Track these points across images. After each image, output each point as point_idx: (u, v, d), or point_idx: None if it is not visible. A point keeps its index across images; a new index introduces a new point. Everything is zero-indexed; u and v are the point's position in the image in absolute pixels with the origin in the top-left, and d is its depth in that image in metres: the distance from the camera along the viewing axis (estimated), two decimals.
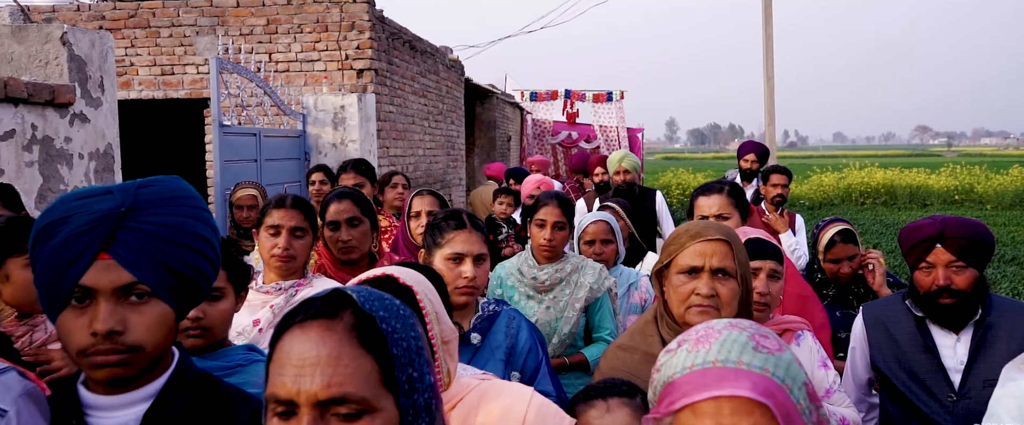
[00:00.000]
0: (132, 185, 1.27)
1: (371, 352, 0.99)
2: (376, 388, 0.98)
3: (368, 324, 0.99)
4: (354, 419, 0.96)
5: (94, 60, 4.23)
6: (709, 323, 1.12)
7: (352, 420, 0.96)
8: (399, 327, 1.02)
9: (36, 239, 1.24)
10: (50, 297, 1.23)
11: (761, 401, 1.00)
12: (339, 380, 0.95)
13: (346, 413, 0.96)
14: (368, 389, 0.97)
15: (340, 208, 2.74)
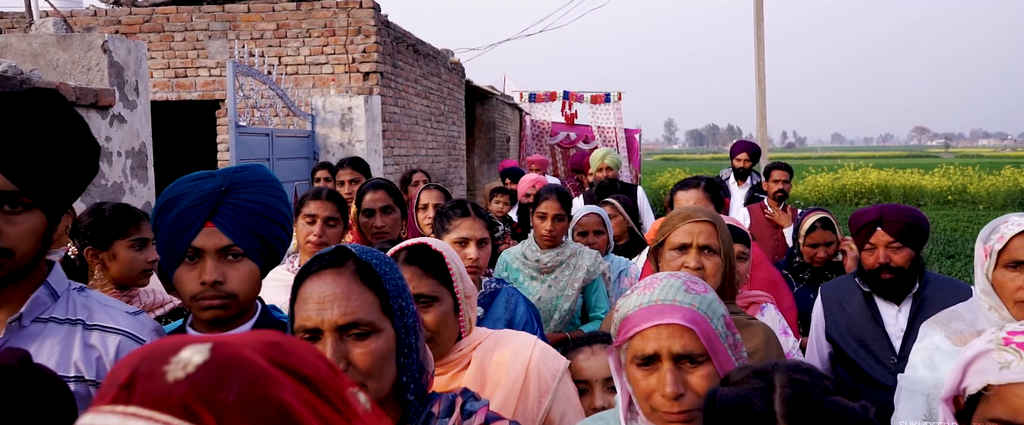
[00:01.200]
0: (230, 170, 1.65)
1: (371, 288, 1.35)
2: (379, 314, 1.34)
3: (366, 269, 1.37)
4: (365, 338, 1.31)
5: (130, 66, 4.60)
6: (655, 274, 1.50)
7: (363, 339, 1.31)
8: (388, 270, 1.40)
9: (159, 211, 1.62)
10: (169, 256, 1.61)
11: (689, 327, 1.36)
12: (351, 310, 1.31)
13: (358, 333, 1.31)
14: (373, 315, 1.33)
15: (375, 197, 3.12)
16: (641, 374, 1.38)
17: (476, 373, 1.73)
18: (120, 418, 0.56)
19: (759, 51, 12.26)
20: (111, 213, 2.42)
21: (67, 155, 1.42)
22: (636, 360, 1.38)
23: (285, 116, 8.47)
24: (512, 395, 1.69)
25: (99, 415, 0.57)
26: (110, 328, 1.49)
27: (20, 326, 1.42)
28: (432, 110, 12.08)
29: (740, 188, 6.71)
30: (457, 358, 1.75)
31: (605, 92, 18.47)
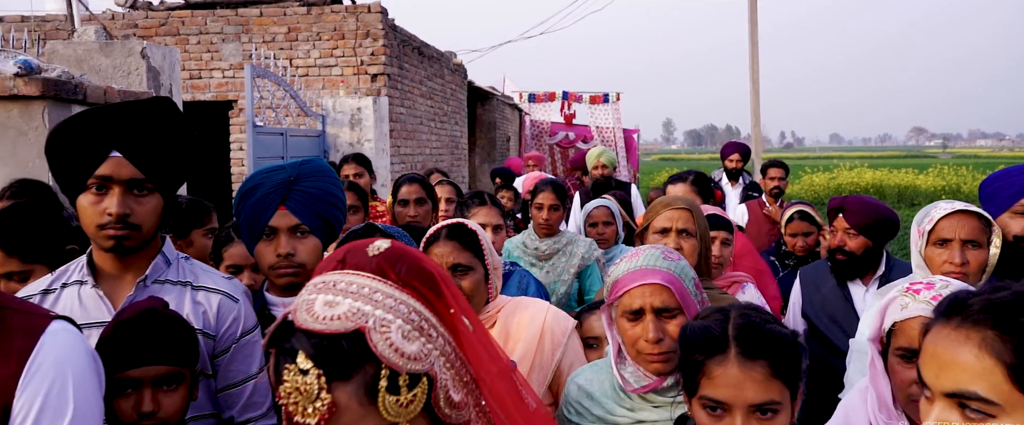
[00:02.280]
0: (296, 164, 2.02)
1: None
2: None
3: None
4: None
5: (165, 70, 4.96)
6: (639, 247, 1.87)
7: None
8: None
9: (240, 198, 1.99)
10: (250, 234, 1.98)
11: (666, 285, 1.73)
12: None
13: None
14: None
15: (410, 189, 3.49)
16: (628, 325, 1.74)
17: (501, 330, 2.10)
18: (340, 274, 0.94)
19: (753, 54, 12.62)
20: (188, 205, 2.79)
21: (178, 149, 1.78)
22: (625, 314, 1.75)
23: (297, 116, 8.82)
24: (531, 349, 2.06)
25: (326, 275, 0.94)
26: (212, 289, 1.85)
27: (145, 285, 1.78)
28: (436, 110, 12.43)
29: (734, 188, 7.02)
30: (486, 318, 2.12)
31: (604, 92, 18.65)
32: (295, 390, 0.90)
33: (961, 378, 1.01)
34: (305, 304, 0.95)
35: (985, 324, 1.01)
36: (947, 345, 1.04)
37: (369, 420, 0.92)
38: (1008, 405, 0.98)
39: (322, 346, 0.90)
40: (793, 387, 1.38)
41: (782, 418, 1.35)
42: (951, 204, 2.17)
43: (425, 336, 0.95)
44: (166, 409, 1.59)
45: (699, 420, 1.38)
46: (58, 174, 1.72)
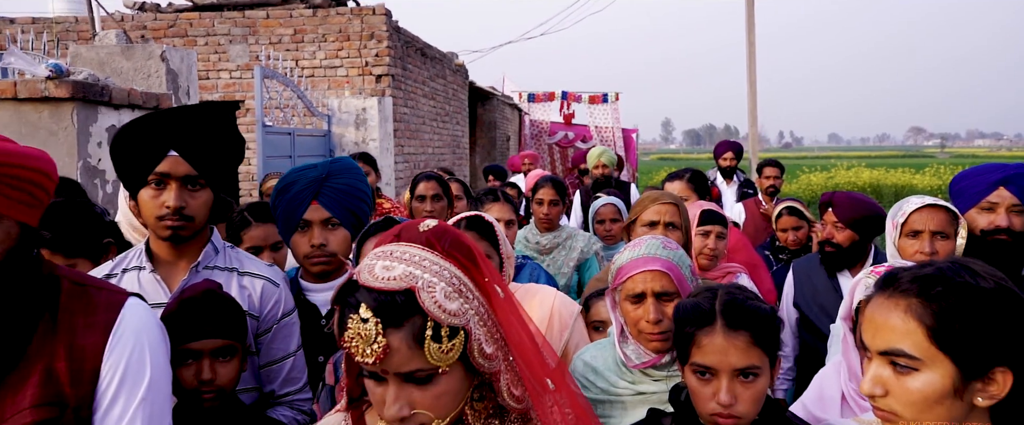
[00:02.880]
0: (327, 163, 2.23)
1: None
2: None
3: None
4: None
5: (183, 72, 5.16)
6: (641, 237, 2.08)
7: None
8: None
9: (277, 194, 2.19)
10: (285, 226, 2.19)
11: (666, 272, 1.93)
12: None
13: None
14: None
15: (428, 186, 3.69)
16: (631, 307, 1.95)
17: None
18: (396, 245, 1.15)
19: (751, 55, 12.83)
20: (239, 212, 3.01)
21: (226, 148, 1.98)
22: (627, 297, 1.95)
23: (304, 116, 9.02)
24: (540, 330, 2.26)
25: (385, 245, 1.15)
26: (256, 274, 2.06)
27: (197, 271, 1.98)
28: (438, 110, 12.64)
29: (729, 186, 7.21)
30: None
31: (603, 92, 18.70)
32: (357, 335, 1.11)
33: (891, 338, 1.21)
34: (367, 267, 1.16)
35: (911, 293, 1.20)
36: (881, 312, 1.23)
37: (415, 362, 1.13)
38: (928, 359, 1.18)
39: (380, 300, 1.11)
40: (772, 355, 1.58)
41: (762, 381, 1.55)
42: (922, 199, 2.38)
43: (463, 297, 1.16)
44: (221, 378, 1.80)
45: (691, 385, 1.59)
46: (121, 171, 1.93)
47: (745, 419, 1.53)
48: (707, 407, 1.54)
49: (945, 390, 1.17)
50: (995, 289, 1.17)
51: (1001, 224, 2.43)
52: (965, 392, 1.18)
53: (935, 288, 1.18)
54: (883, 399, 1.21)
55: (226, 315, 1.81)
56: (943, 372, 1.17)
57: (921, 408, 1.18)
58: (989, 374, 1.18)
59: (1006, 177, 2.44)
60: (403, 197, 5.63)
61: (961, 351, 1.16)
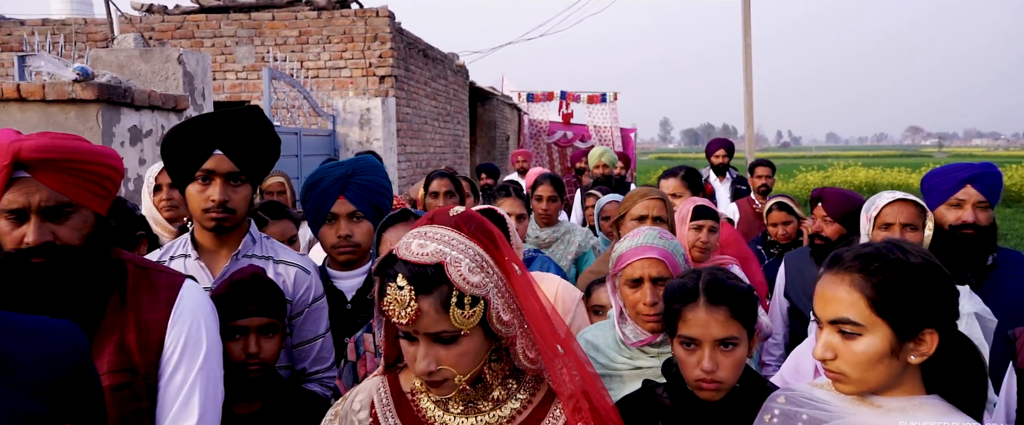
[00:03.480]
0: (352, 161, 2.45)
1: None
2: None
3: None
4: None
5: (198, 74, 5.37)
6: (639, 228, 2.29)
7: None
8: None
9: (306, 189, 2.41)
10: (315, 219, 2.40)
11: (662, 259, 2.13)
12: None
13: None
14: None
15: (441, 183, 3.91)
16: (630, 291, 2.16)
17: None
18: (429, 226, 1.36)
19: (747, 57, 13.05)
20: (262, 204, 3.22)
21: (263, 147, 2.19)
22: (626, 282, 2.16)
23: (310, 116, 9.23)
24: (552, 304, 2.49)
25: (419, 227, 1.37)
26: (290, 262, 2.27)
27: (237, 259, 2.19)
28: (439, 110, 12.85)
29: (722, 184, 7.42)
30: None
31: (601, 92, 18.82)
32: (394, 300, 1.32)
33: (838, 309, 1.42)
34: (404, 244, 1.37)
35: (853, 269, 1.42)
36: (829, 286, 1.45)
37: (441, 324, 1.34)
38: (869, 325, 1.39)
39: (414, 271, 1.33)
40: (749, 327, 1.79)
41: (740, 351, 1.76)
42: (893, 194, 2.59)
43: (484, 272, 1.37)
44: (265, 352, 2.01)
45: (678, 355, 1.80)
46: (171, 168, 2.14)
47: (725, 384, 1.74)
48: (692, 374, 1.75)
49: (884, 351, 1.39)
50: (923, 264, 1.39)
51: (968, 219, 2.64)
52: (900, 352, 1.40)
53: (874, 264, 1.40)
54: (833, 362, 1.43)
55: (270, 297, 2.03)
56: (882, 335, 1.39)
57: (865, 368, 1.40)
58: (919, 335, 1.39)
59: (972, 176, 2.66)
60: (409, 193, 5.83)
61: (897, 316, 1.38)
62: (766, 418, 1.54)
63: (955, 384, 1.46)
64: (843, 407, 1.46)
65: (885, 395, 1.44)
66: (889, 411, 1.42)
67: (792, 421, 1.50)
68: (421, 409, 1.46)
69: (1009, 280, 2.73)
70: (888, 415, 1.41)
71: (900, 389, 1.44)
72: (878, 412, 1.43)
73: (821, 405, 1.48)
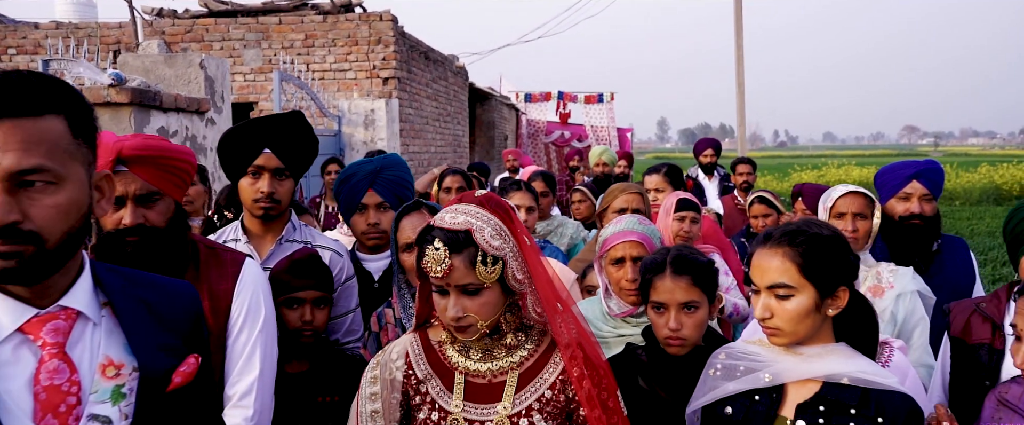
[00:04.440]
0: (381, 158, 2.83)
1: None
2: None
3: None
4: None
5: (218, 79, 5.73)
6: (621, 215, 2.65)
7: None
8: None
9: (339, 183, 2.77)
10: (346, 209, 2.76)
11: (640, 241, 2.50)
12: None
13: None
14: None
15: (454, 179, 4.28)
16: (614, 269, 2.53)
17: None
18: (459, 204, 1.74)
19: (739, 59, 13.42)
20: None
21: (304, 147, 2.55)
22: (611, 262, 2.53)
23: (316, 117, 9.58)
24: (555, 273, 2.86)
25: (451, 205, 1.73)
26: (324, 247, 2.63)
27: (280, 243, 2.55)
28: (440, 111, 13.21)
29: (711, 182, 7.79)
30: None
31: (598, 92, 18.97)
32: (432, 259, 1.68)
33: (773, 276, 1.77)
34: (439, 218, 1.73)
35: (784, 242, 1.77)
36: (764, 258, 1.79)
37: (469, 278, 1.69)
38: (799, 287, 1.75)
39: (449, 235, 1.69)
40: (710, 294, 2.16)
41: (701, 313, 2.13)
42: (846, 187, 2.95)
43: (502, 239, 1.73)
44: (317, 320, 2.38)
45: (651, 318, 2.17)
46: (226, 164, 2.50)
47: (689, 340, 2.11)
48: (662, 333, 2.13)
49: (811, 307, 1.75)
50: (833, 235, 1.77)
51: (914, 211, 3.02)
52: (822, 307, 1.76)
53: (799, 237, 1.76)
54: (770, 320, 1.79)
55: (323, 274, 2.40)
56: (809, 294, 1.75)
57: (796, 322, 1.76)
58: (836, 292, 1.76)
59: (918, 172, 3.03)
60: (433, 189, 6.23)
61: (819, 278, 1.74)
62: (710, 372, 1.92)
63: (855, 333, 1.84)
64: (772, 357, 1.84)
65: (806, 345, 1.81)
66: (809, 357, 1.79)
67: (732, 372, 1.87)
68: (447, 357, 1.83)
69: (951, 263, 3.12)
70: (808, 360, 1.79)
71: (817, 339, 1.81)
72: (800, 358, 1.80)
73: (754, 357, 1.86)
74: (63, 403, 1.19)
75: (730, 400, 1.86)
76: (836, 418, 1.73)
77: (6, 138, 1.11)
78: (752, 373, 1.84)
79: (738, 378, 1.85)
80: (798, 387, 1.80)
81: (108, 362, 1.26)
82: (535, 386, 1.78)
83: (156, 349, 1.31)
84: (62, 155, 1.16)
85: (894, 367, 2.22)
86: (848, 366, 1.76)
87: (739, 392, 1.85)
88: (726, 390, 1.86)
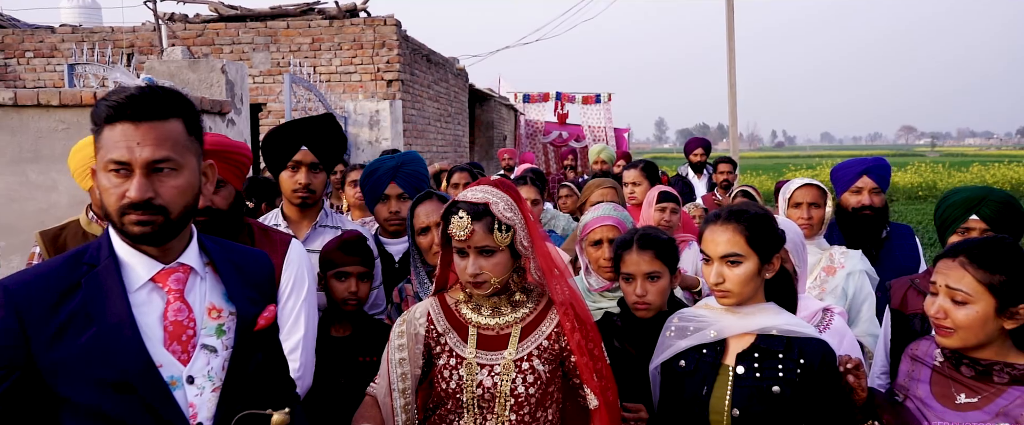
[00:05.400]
0: (401, 155, 3.26)
1: None
2: None
3: None
4: None
5: (238, 82, 6.15)
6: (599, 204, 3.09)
7: None
8: None
9: (365, 176, 3.20)
10: (371, 199, 3.19)
11: (616, 225, 2.91)
12: None
13: None
14: None
15: (461, 175, 4.71)
16: (593, 250, 2.95)
17: None
18: (478, 185, 2.17)
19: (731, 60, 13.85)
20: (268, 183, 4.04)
21: (335, 144, 2.97)
22: (591, 243, 2.95)
23: None
24: None
25: (472, 187, 2.16)
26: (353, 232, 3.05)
27: (315, 228, 2.98)
28: (441, 112, 13.64)
29: (700, 180, 8.21)
30: None
31: (595, 93, 19.21)
32: (457, 225, 2.09)
33: (726, 247, 2.17)
34: (463, 195, 2.15)
35: (733, 219, 2.18)
36: (717, 233, 2.20)
37: (486, 241, 2.10)
38: (746, 255, 2.16)
39: (471, 207, 2.10)
40: (671, 267, 2.57)
41: (663, 282, 2.54)
42: (802, 180, 3.38)
43: (512, 212, 2.14)
44: (361, 292, 2.79)
45: (622, 288, 2.58)
46: (268, 159, 2.93)
47: (653, 305, 2.53)
48: (631, 299, 2.55)
49: (754, 272, 2.18)
50: (766, 213, 2.20)
51: (865, 203, 3.45)
52: (761, 272, 2.19)
53: (744, 215, 2.19)
54: (722, 285, 2.21)
55: (366, 253, 2.83)
56: (753, 262, 2.17)
57: (743, 285, 2.18)
58: (772, 259, 2.19)
59: (867, 168, 3.46)
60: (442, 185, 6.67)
61: (761, 248, 2.17)
62: (667, 334, 2.35)
63: (780, 295, 2.28)
64: (715, 317, 2.26)
65: (744, 306, 2.23)
66: (745, 315, 2.22)
67: (684, 331, 2.29)
68: (462, 314, 2.25)
69: (899, 248, 3.55)
70: (745, 317, 2.22)
71: (753, 300, 2.23)
72: (738, 316, 2.23)
73: (701, 318, 2.29)
74: (184, 334, 1.61)
75: (683, 354, 2.28)
76: (767, 362, 2.15)
77: (144, 136, 1.53)
78: (700, 331, 2.26)
79: (689, 336, 2.28)
80: (737, 340, 2.23)
81: (212, 307, 1.68)
82: (534, 337, 2.21)
83: (246, 299, 1.73)
84: (181, 149, 1.58)
85: (834, 330, 2.65)
86: (776, 320, 2.19)
87: (690, 347, 2.27)
88: (679, 347, 2.29)
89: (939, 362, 2.15)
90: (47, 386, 1.51)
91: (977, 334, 2.02)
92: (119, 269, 1.59)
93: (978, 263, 2.01)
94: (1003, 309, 1.99)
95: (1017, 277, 1.98)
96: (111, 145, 1.52)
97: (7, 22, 12.15)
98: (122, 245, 1.60)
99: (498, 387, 2.16)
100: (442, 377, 2.22)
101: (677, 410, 2.29)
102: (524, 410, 2.17)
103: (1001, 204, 2.93)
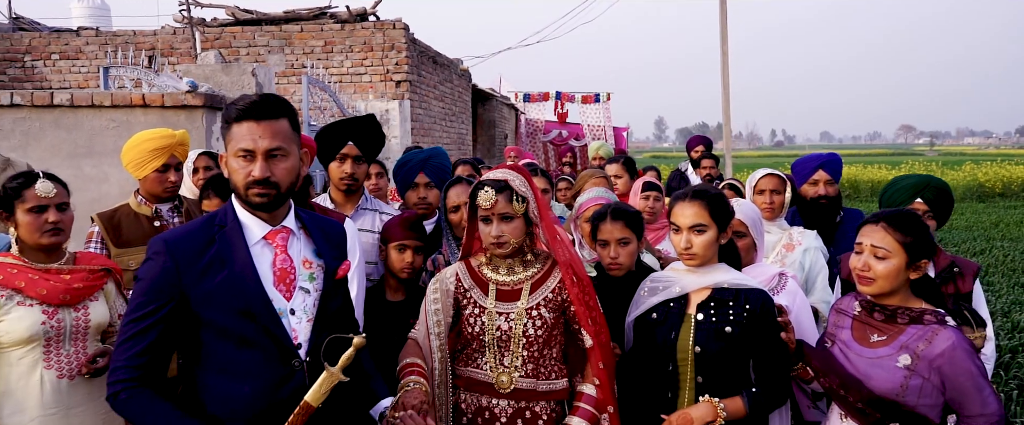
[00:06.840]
0: (429, 150, 3.86)
1: None
2: None
3: None
4: None
5: (266, 84, 6.73)
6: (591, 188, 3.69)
7: None
8: None
9: (397, 167, 3.79)
10: (402, 187, 3.78)
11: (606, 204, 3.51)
12: None
13: None
14: None
15: (464, 168, 5.30)
16: (586, 226, 3.53)
17: None
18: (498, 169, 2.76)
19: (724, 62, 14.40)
20: None
21: (375, 140, 3.56)
22: (584, 220, 3.53)
23: (337, 116, 10.56)
24: None
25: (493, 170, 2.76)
26: (388, 213, 3.62)
27: (358, 210, 3.56)
28: (446, 111, 14.21)
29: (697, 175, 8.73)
30: None
31: (595, 93, 19.50)
32: (484, 197, 2.65)
33: (692, 219, 2.73)
34: (486, 176, 2.72)
35: (698, 196, 2.75)
36: (686, 208, 2.75)
37: (506, 208, 2.65)
38: (709, 225, 2.73)
39: (495, 183, 2.66)
40: (638, 234, 3.13)
41: (632, 246, 3.11)
42: (764, 171, 3.98)
43: (525, 188, 2.70)
44: (417, 263, 3.36)
45: (599, 252, 3.15)
46: (321, 152, 3.51)
47: (623, 266, 3.11)
48: (605, 261, 3.14)
49: (714, 239, 2.76)
50: (720, 193, 2.78)
51: (821, 193, 4.05)
52: (718, 238, 2.78)
53: (706, 194, 2.77)
54: (690, 250, 2.79)
55: (421, 231, 3.40)
56: (714, 231, 2.76)
57: (706, 248, 2.76)
58: (726, 229, 2.78)
59: (822, 163, 4.06)
60: None
61: (720, 219, 2.75)
62: (641, 293, 2.93)
63: (729, 257, 2.86)
64: (680, 277, 2.84)
65: (703, 266, 2.81)
66: (704, 273, 2.80)
67: (655, 290, 2.88)
68: (483, 274, 2.84)
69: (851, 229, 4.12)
70: (703, 275, 2.79)
71: (710, 262, 2.82)
72: (698, 275, 2.80)
73: (669, 278, 2.87)
74: (287, 278, 2.20)
75: (654, 308, 2.87)
76: (721, 309, 2.74)
77: (264, 131, 2.11)
78: (668, 289, 2.85)
79: (659, 294, 2.86)
80: (697, 294, 2.81)
81: (306, 260, 2.26)
82: (542, 290, 2.79)
83: (330, 255, 2.31)
84: (288, 140, 2.17)
85: (787, 291, 3.23)
86: (728, 276, 2.78)
87: (660, 302, 2.86)
88: (651, 302, 2.87)
89: (857, 312, 2.73)
90: (193, 311, 2.09)
91: (891, 282, 2.57)
92: (241, 229, 2.17)
93: (895, 226, 2.58)
94: (911, 263, 2.56)
95: (922, 239, 2.56)
96: (239, 138, 2.10)
97: (30, 25, 12.70)
98: (242, 211, 2.19)
99: (513, 330, 2.75)
100: (468, 323, 2.80)
101: (650, 352, 2.87)
102: (533, 348, 2.75)
103: (940, 190, 3.54)
